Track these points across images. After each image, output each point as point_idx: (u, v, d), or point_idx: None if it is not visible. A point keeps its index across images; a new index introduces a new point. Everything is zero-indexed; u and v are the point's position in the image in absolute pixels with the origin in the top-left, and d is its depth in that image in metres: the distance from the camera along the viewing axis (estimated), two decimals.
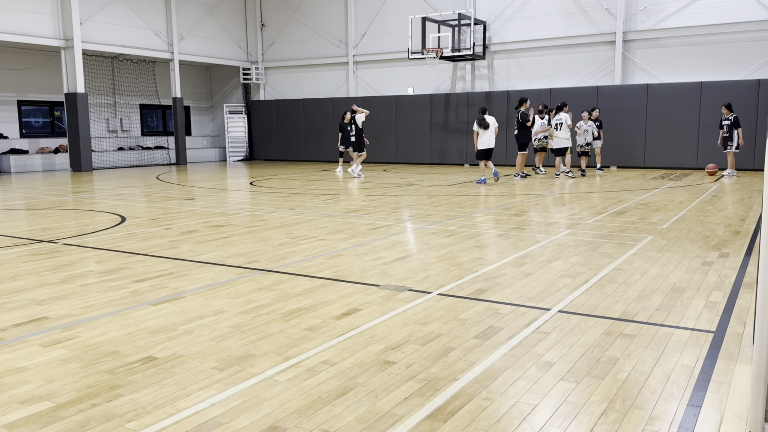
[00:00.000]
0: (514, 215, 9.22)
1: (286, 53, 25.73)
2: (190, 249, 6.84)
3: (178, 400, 2.97)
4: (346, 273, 5.61)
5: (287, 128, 25.62)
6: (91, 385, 3.17)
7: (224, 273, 5.68)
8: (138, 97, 24.43)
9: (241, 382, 3.19)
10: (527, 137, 15.77)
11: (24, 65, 21.02)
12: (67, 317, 4.34)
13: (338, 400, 2.97)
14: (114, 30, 21.35)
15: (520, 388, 3.11)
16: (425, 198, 11.64)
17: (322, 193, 12.70)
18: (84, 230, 8.28)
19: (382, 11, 23.13)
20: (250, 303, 4.65)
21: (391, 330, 4.00)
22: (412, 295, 4.83)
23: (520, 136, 15.72)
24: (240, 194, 13.22)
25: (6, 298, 4.87)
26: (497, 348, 3.67)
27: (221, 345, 3.75)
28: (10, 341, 3.85)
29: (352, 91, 24.26)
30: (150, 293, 4.98)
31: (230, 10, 25.61)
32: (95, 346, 3.75)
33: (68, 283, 5.35)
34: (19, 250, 6.93)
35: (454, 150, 21.93)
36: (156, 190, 14.12)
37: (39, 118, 22.30)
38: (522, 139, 15.73)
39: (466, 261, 6.07)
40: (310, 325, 4.10)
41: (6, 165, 20.24)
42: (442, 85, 22.47)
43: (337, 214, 9.52)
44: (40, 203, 11.56)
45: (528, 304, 4.59)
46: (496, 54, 21.30)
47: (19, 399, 3.00)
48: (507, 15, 20.84)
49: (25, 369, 3.39)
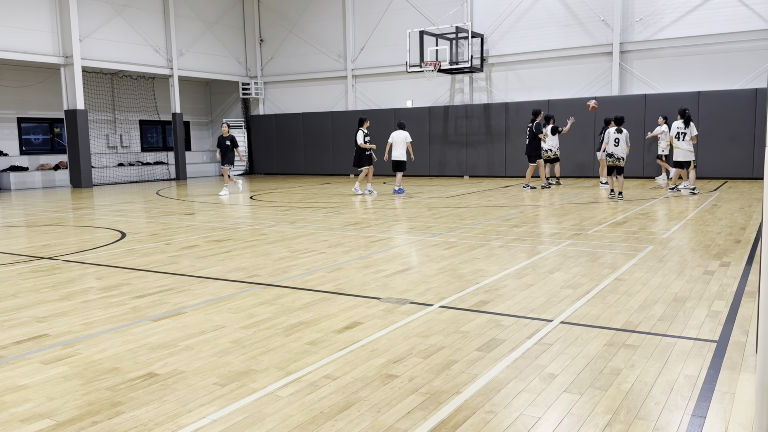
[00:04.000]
0: (514, 226, 9.22)
1: (285, 68, 25.87)
2: (191, 264, 6.83)
3: (180, 417, 2.96)
4: (347, 286, 5.60)
5: (287, 142, 25.69)
6: (92, 402, 3.15)
7: (225, 288, 5.67)
8: (138, 113, 24.52)
9: (243, 397, 3.17)
10: (539, 149, 15.83)
11: (24, 82, 21.11)
12: (68, 334, 4.33)
13: (340, 415, 2.95)
14: (113, 47, 21.46)
15: (523, 401, 3.09)
16: (425, 210, 11.64)
17: (323, 207, 12.71)
18: (84, 246, 8.28)
19: (380, 25, 23.28)
20: (251, 318, 4.64)
21: (393, 343, 3.98)
22: (414, 308, 4.82)
23: (533, 147, 15.73)
24: (240, 208, 13.23)
25: (6, 315, 4.86)
26: (500, 360, 3.65)
27: (222, 360, 3.73)
28: (10, 359, 3.84)
29: (351, 104, 24.36)
30: (151, 309, 4.96)
31: (229, 26, 25.77)
32: (96, 362, 3.73)
33: (69, 299, 5.34)
34: (20, 267, 6.92)
35: (454, 162, 21.98)
36: (156, 205, 14.13)
37: (39, 135, 22.37)
38: (534, 151, 15.75)
39: (468, 273, 6.06)
40: (311, 340, 4.09)
41: (6, 182, 20.27)
42: (440, 98, 22.56)
43: (338, 228, 9.52)
44: (41, 220, 11.56)
45: (530, 315, 4.57)
46: (494, 66, 21.41)
47: (20, 417, 2.98)
48: (504, 28, 20.97)
49: (26, 387, 3.37)
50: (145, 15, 22.49)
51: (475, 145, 21.51)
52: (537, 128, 15.58)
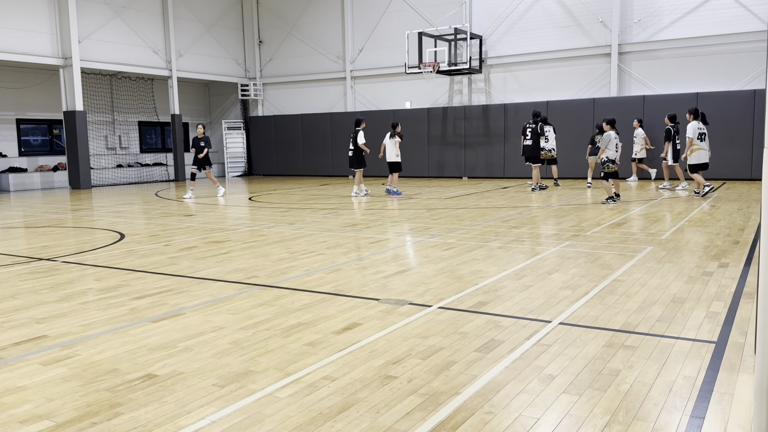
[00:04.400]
0: (513, 227, 9.23)
1: (284, 69, 25.87)
2: (190, 265, 6.83)
3: (179, 418, 2.96)
4: (346, 287, 5.60)
5: (286, 143, 25.69)
6: (91, 403, 3.15)
7: (224, 289, 5.67)
8: (136, 114, 24.51)
9: (242, 398, 3.17)
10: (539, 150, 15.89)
11: (23, 84, 21.10)
12: (67, 335, 4.33)
13: (339, 416, 2.95)
14: (112, 48, 21.46)
15: (522, 402, 3.09)
16: (424, 211, 11.65)
17: (321, 208, 12.71)
18: (83, 248, 8.27)
19: (379, 27, 23.30)
20: (250, 319, 4.64)
21: (391, 344, 3.98)
22: (413, 309, 4.82)
23: (535, 148, 15.75)
24: (239, 209, 13.22)
25: (5, 316, 4.86)
26: (499, 361, 3.66)
27: (221, 361, 3.73)
28: (9, 360, 3.84)
29: (350, 105, 24.36)
30: (149, 310, 4.96)
31: (228, 27, 25.77)
32: (95, 364, 3.73)
33: (67, 301, 5.34)
34: (19, 268, 6.92)
35: (452, 163, 21.99)
36: (155, 206, 14.13)
37: (38, 136, 22.35)
38: (536, 152, 15.77)
39: (466, 274, 6.07)
40: (310, 341, 4.09)
41: (5, 183, 20.25)
42: (439, 99, 22.57)
43: (337, 229, 9.53)
44: (39, 221, 11.55)
45: (529, 316, 4.58)
46: (493, 68, 21.43)
47: (19, 419, 2.98)
48: (503, 29, 20.99)
49: (25, 388, 3.37)
50: (144, 16, 22.49)
51: (474, 146, 21.52)
52: (541, 130, 15.69)
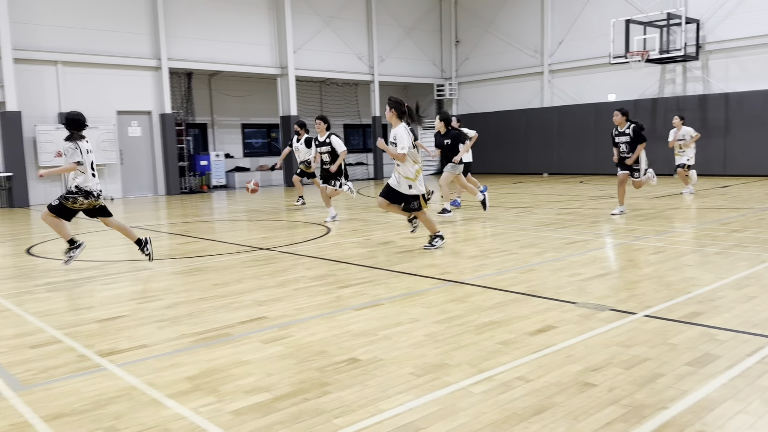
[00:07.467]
0: (733, 231, 8.26)
1: (479, 67, 25.93)
2: (387, 259, 7.17)
3: (380, 402, 3.14)
4: (539, 288, 5.47)
5: (477, 141, 25.68)
6: (304, 380, 3.47)
7: (418, 283, 5.86)
8: (342, 117, 26.31)
9: (437, 389, 3.27)
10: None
11: (247, 92, 23.79)
12: (283, 318, 4.81)
13: (534, 417, 2.91)
14: (322, 57, 23.31)
15: (741, 423, 2.77)
16: (628, 210, 10.90)
17: (514, 206, 12.52)
18: (295, 239, 9.11)
19: (581, 17, 22.27)
20: (444, 313, 4.74)
21: (590, 350, 3.81)
22: (614, 315, 4.55)
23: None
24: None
25: (233, 298, 5.54)
26: (714, 377, 3.31)
27: (417, 352, 3.88)
28: (236, 337, 4.37)
29: (546, 101, 23.65)
30: (352, 299, 5.32)
31: (426, 30, 26.52)
32: (307, 345, 4.10)
33: (283, 287, 5.92)
34: (243, 256, 7.83)
35: (662, 159, 20.23)
36: (356, 203, 15.04)
37: (258, 139, 25.08)
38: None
39: (677, 281, 5.57)
40: (503, 340, 4.07)
41: (231, 181, 23.01)
42: (647, 90, 20.93)
43: (530, 228, 9.32)
44: (260, 215, 12.96)
45: (752, 331, 4.07)
46: (712, 54, 19.31)
47: (244, 389, 3.39)
48: (724, 11, 18.80)
49: (249, 362, 3.82)
50: (350, 25, 24.07)
51: None
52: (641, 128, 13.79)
